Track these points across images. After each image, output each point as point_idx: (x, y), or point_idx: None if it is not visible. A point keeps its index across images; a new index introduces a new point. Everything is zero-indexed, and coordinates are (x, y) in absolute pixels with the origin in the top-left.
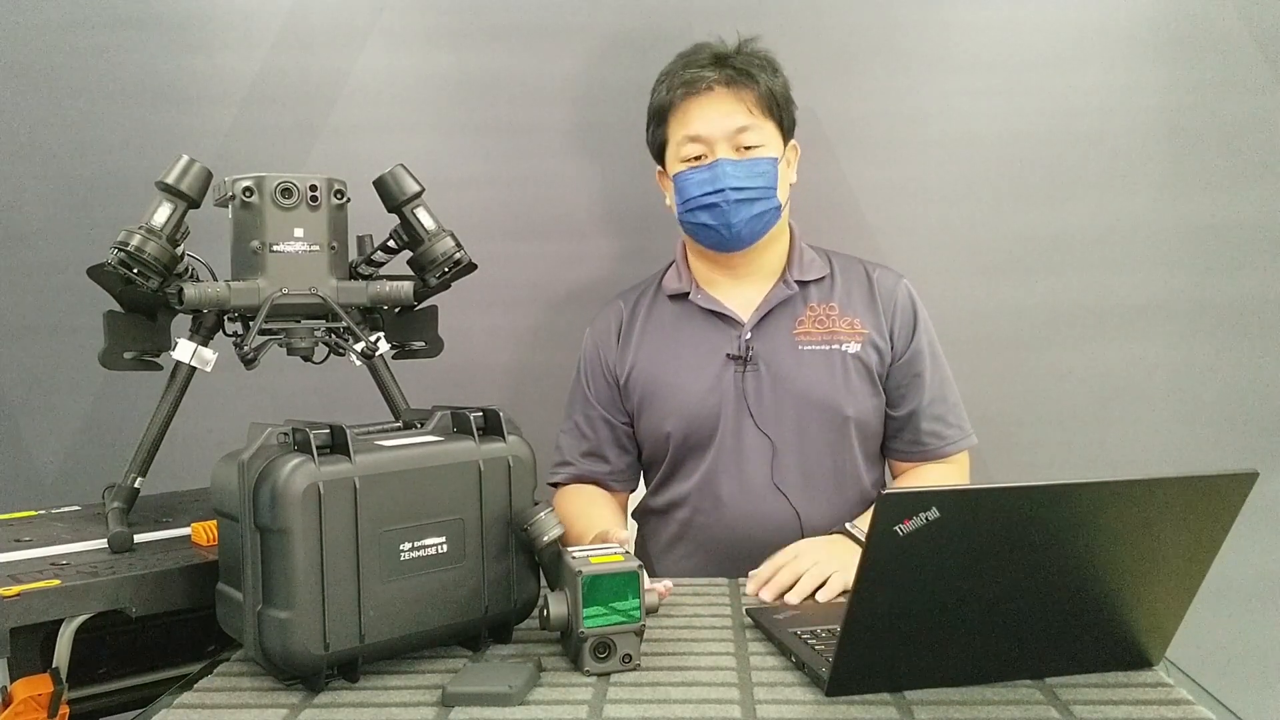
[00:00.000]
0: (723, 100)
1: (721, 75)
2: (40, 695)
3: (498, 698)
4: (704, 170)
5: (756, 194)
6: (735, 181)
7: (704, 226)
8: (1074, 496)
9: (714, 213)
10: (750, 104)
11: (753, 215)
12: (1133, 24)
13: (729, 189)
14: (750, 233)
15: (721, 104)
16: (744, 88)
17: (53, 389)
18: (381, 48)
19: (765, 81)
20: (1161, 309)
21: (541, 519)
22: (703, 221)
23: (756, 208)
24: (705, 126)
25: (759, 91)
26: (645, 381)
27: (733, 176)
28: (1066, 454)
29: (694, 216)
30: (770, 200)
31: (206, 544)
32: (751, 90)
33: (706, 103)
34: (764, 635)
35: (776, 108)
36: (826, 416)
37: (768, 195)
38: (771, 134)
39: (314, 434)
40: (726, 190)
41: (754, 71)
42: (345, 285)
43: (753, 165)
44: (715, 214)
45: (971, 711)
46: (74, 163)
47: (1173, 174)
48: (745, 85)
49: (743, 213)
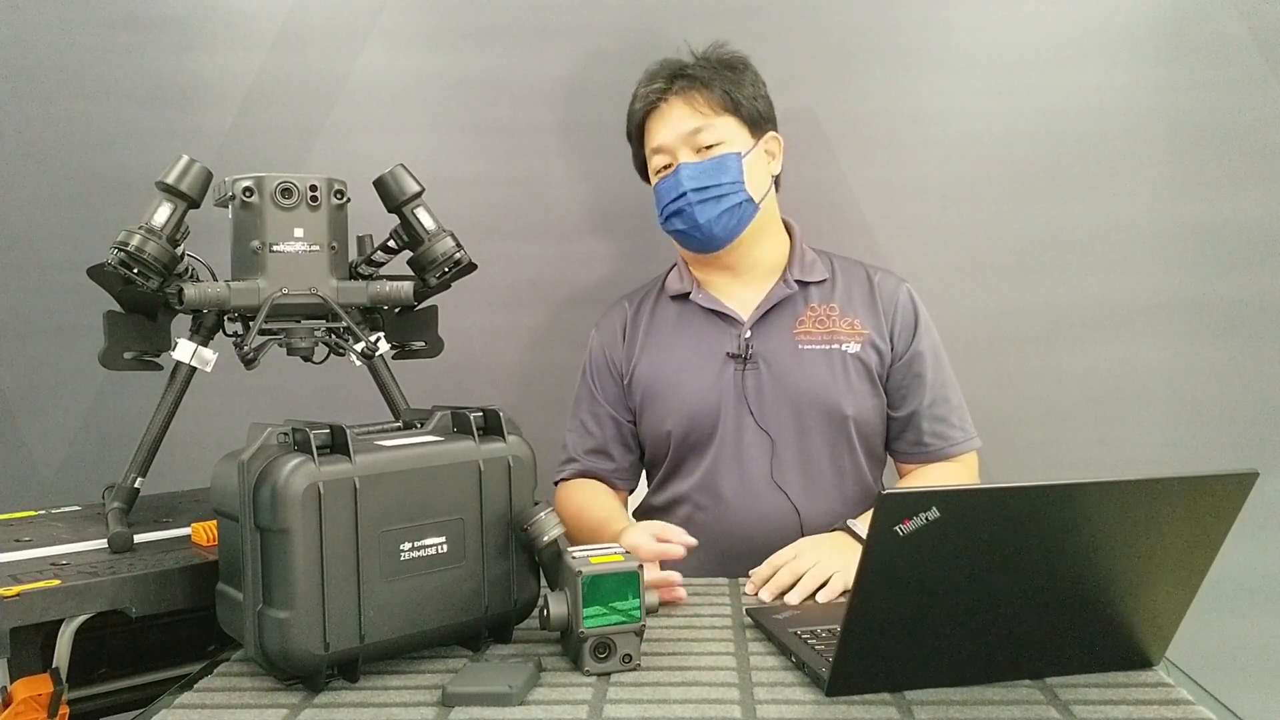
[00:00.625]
0: (674, 108)
1: (674, 85)
2: (40, 695)
3: (498, 698)
4: (669, 178)
5: (720, 190)
6: (694, 183)
7: (679, 232)
8: (1074, 496)
9: (682, 217)
10: (700, 105)
11: (720, 212)
12: (1133, 24)
13: (689, 191)
14: (723, 230)
15: (674, 111)
16: (693, 92)
17: (53, 389)
18: (381, 48)
19: (719, 84)
20: (1161, 309)
21: (541, 519)
22: (676, 228)
23: (723, 204)
24: (664, 136)
25: (711, 92)
26: (647, 380)
27: (690, 178)
28: (1067, 454)
29: (669, 224)
30: (737, 194)
31: (206, 544)
32: (700, 93)
33: (663, 114)
34: (764, 635)
35: (733, 103)
36: (826, 414)
37: (733, 190)
38: (732, 129)
39: (314, 434)
40: (687, 193)
41: (704, 75)
42: (345, 285)
43: (712, 163)
44: (683, 218)
45: (971, 711)
46: (74, 163)
47: (1173, 174)
48: (694, 89)
49: (708, 211)
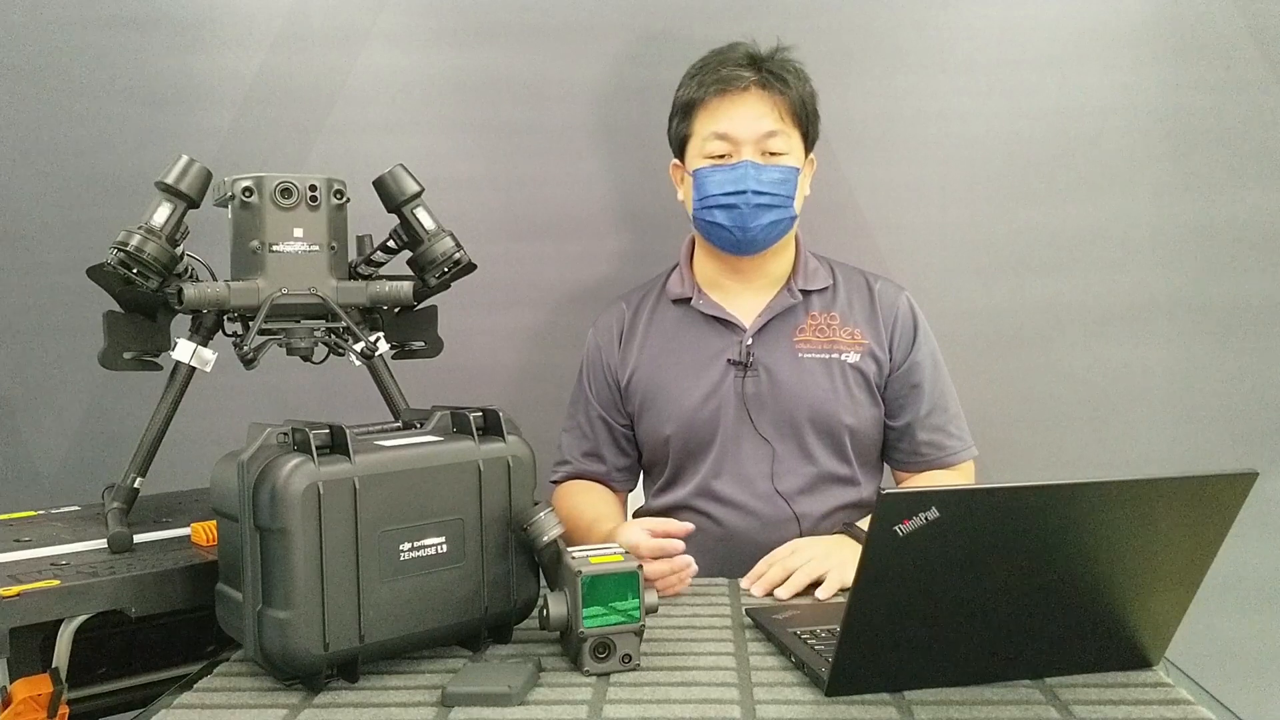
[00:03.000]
0: (756, 102)
1: (758, 76)
2: (40, 695)
3: (497, 698)
4: (727, 170)
5: (777, 201)
6: (758, 185)
7: (718, 226)
8: (1074, 496)
9: (731, 214)
10: (782, 110)
11: (770, 221)
12: (1133, 24)
13: (751, 191)
14: (765, 238)
15: (754, 106)
16: (778, 92)
17: (53, 389)
18: (381, 48)
19: (798, 89)
20: (1161, 309)
21: (541, 519)
22: (718, 221)
23: (774, 214)
24: (734, 126)
25: (791, 98)
26: (646, 385)
27: (756, 180)
28: (1067, 454)
29: (710, 215)
30: (788, 209)
31: (206, 544)
32: (785, 96)
33: (739, 102)
34: (764, 635)
35: (805, 118)
36: (825, 423)
37: (786, 204)
38: (797, 143)
39: (314, 434)
40: (749, 193)
41: (788, 78)
42: (345, 285)
43: (777, 171)
44: (733, 215)
45: (971, 711)
46: (74, 163)
47: (1173, 174)
48: (779, 90)
49: (761, 218)
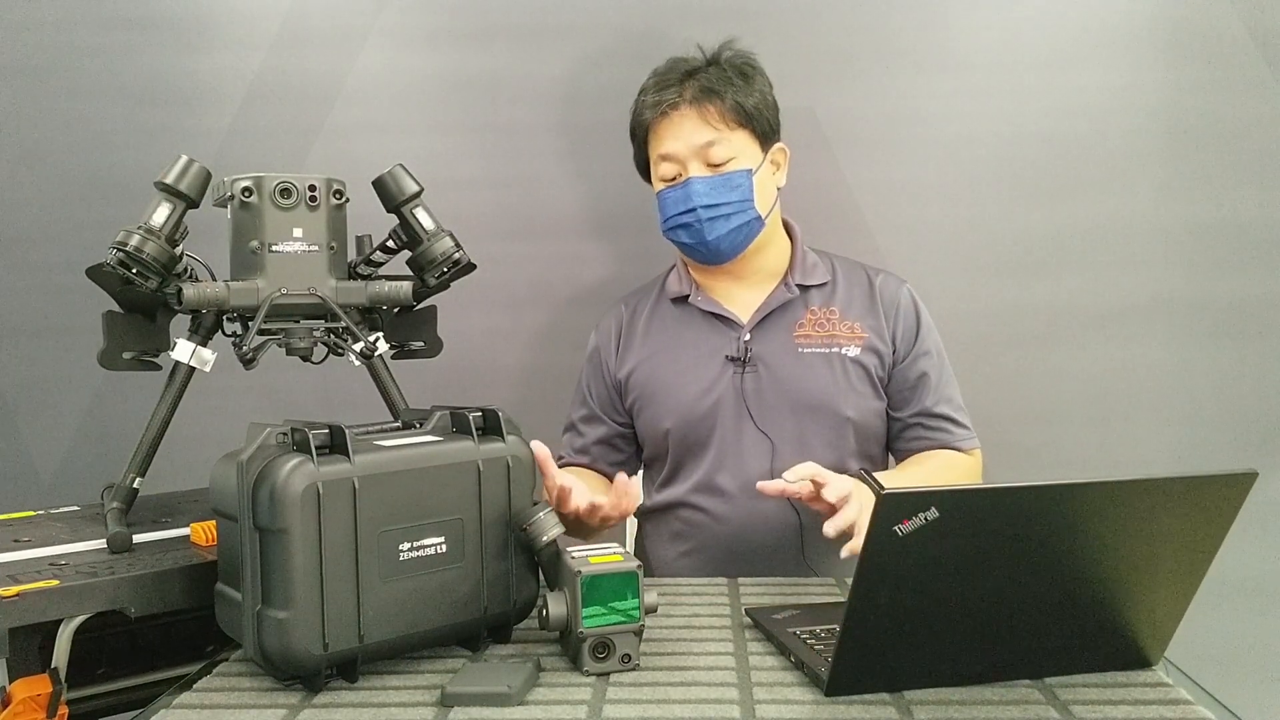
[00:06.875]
0: (687, 118)
1: (687, 93)
2: (39, 695)
3: (497, 698)
4: (678, 189)
5: (731, 209)
6: (705, 200)
7: (683, 244)
8: (1074, 496)
9: (690, 231)
10: (715, 119)
11: (729, 230)
12: (1133, 24)
13: (700, 208)
14: (730, 246)
15: (687, 121)
16: (708, 103)
17: (53, 389)
18: (381, 48)
19: (732, 95)
20: (1161, 309)
21: (541, 519)
22: (682, 240)
23: (732, 222)
24: (674, 145)
25: (725, 105)
26: (645, 380)
27: (702, 195)
28: (1066, 454)
29: (674, 235)
30: (747, 212)
31: (205, 544)
32: (716, 105)
33: (673, 121)
34: (763, 635)
35: (747, 117)
36: (826, 417)
37: (743, 209)
38: (744, 144)
39: (313, 434)
40: (698, 209)
41: (719, 86)
42: (344, 285)
43: (724, 180)
44: (691, 232)
45: (971, 711)
46: (74, 163)
47: (1172, 174)
48: (710, 100)
49: (718, 229)
